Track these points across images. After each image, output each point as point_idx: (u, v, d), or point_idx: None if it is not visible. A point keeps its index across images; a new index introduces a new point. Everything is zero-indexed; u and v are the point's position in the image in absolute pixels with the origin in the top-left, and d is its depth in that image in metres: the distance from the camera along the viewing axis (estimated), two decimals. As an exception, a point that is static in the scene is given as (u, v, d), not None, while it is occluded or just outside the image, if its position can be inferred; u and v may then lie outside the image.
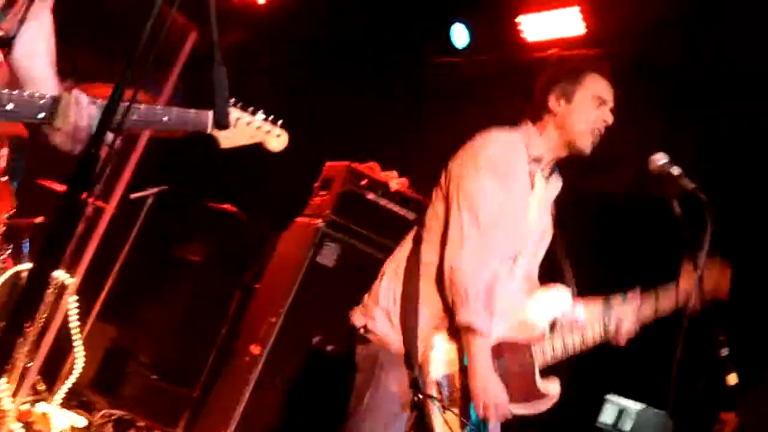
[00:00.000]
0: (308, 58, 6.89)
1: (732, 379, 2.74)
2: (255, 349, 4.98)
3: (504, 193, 3.17)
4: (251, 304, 5.57)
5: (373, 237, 5.13)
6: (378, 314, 3.19)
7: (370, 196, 5.18)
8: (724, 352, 2.77)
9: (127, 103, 2.05)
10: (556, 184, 3.44)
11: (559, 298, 3.35)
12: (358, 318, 3.24)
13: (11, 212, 4.24)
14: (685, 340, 2.86)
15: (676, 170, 3.07)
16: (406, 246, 3.32)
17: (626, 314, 3.34)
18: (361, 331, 3.19)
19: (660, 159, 3.11)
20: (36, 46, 2.46)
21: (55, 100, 2.26)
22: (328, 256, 5.04)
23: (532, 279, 3.43)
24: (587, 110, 3.29)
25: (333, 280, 5.03)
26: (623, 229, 3.48)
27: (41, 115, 2.26)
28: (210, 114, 2.61)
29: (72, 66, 2.92)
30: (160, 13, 2.02)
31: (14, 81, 2.46)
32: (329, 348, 4.86)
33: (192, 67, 5.66)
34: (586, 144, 3.30)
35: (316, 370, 4.91)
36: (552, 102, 3.32)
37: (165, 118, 2.48)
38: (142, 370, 6.01)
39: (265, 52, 6.88)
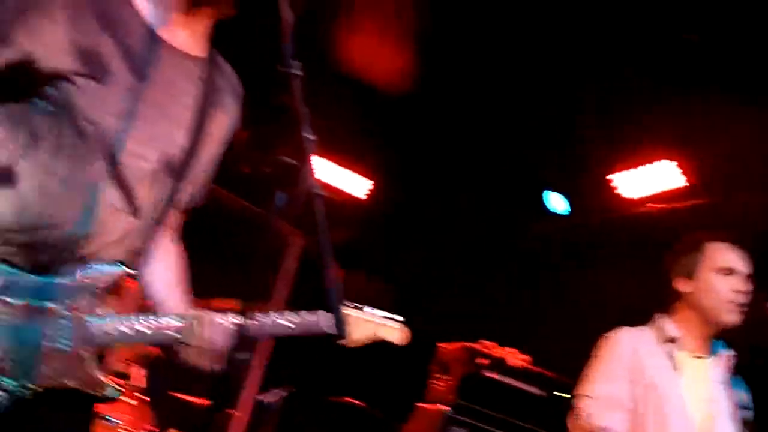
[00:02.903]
0: (410, 244, 7.06)
1: None
2: None
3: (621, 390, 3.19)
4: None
5: (502, 418, 5.06)
6: None
7: (493, 375, 5.15)
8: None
9: (257, 319, 2.15)
10: (722, 357, 3.30)
11: None
12: None
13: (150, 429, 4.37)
14: None
15: None
16: None
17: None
18: None
19: None
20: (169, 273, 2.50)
21: (188, 320, 2.27)
22: (457, 442, 4.97)
23: None
24: (715, 284, 3.20)
25: (466, 466, 4.95)
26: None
27: (176, 337, 2.26)
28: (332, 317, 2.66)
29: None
30: (268, 224, 2.09)
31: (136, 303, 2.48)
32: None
33: (301, 271, 5.87)
34: (727, 318, 3.18)
35: None
36: (676, 284, 3.29)
37: (291, 327, 2.52)
38: None
39: (369, 246, 7.07)
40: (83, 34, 2.10)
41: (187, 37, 2.26)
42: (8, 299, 2.05)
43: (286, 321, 2.44)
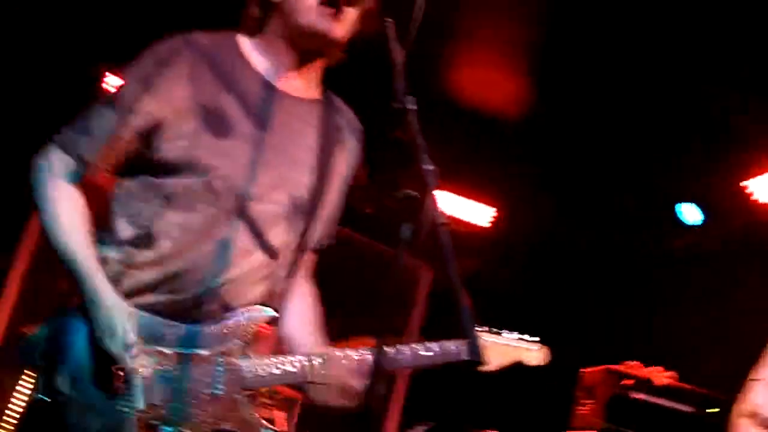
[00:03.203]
0: (538, 271, 6.97)
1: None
2: None
3: None
4: None
5: (653, 438, 4.90)
6: None
7: (638, 396, 4.99)
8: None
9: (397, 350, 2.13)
10: None
11: None
12: None
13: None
14: None
15: None
16: None
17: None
18: None
19: None
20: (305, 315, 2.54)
21: (313, 359, 2.30)
22: (609, 466, 4.84)
23: None
24: None
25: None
26: None
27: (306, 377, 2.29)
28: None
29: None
30: (396, 259, 2.07)
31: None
32: None
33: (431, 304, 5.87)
34: None
35: None
36: None
37: (431, 355, 2.53)
38: None
39: (495, 273, 7.02)
40: (205, 92, 2.22)
41: (300, 83, 2.35)
42: (161, 348, 2.16)
43: (425, 350, 2.47)
